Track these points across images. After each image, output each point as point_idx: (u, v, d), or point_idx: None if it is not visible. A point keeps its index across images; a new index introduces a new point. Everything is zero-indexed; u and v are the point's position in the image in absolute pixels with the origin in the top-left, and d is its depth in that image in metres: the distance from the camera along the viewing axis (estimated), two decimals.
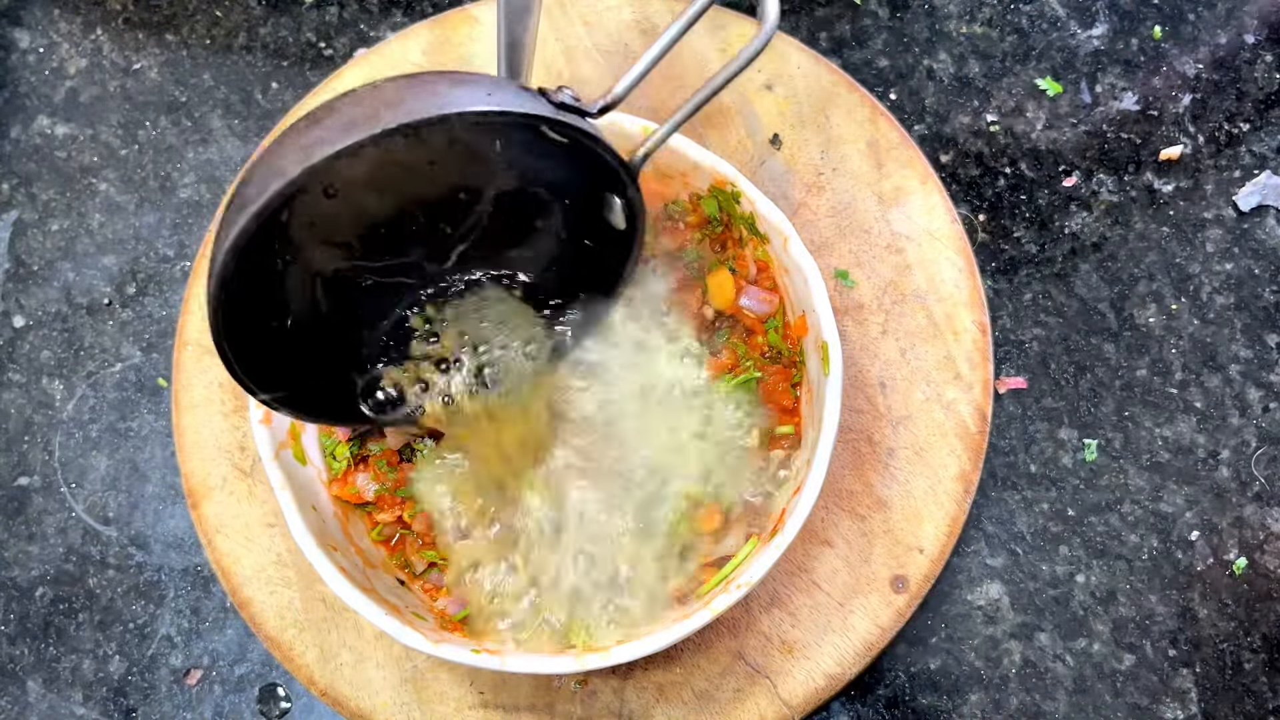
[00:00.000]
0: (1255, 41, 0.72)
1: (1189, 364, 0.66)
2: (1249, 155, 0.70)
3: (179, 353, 0.64)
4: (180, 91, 0.72)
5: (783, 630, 0.59)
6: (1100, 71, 0.71)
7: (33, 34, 0.74)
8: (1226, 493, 0.64)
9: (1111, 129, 0.70)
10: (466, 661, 0.51)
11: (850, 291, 0.64)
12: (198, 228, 0.70)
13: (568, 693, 0.59)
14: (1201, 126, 0.70)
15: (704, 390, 0.60)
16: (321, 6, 0.74)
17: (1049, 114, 0.71)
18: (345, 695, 0.59)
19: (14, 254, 0.70)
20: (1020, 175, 0.70)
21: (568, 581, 0.57)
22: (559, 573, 0.58)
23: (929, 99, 0.71)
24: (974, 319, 0.64)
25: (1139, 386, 0.66)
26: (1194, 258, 0.68)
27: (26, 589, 0.65)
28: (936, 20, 0.73)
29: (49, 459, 0.67)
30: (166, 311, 0.69)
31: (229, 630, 0.63)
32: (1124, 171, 0.69)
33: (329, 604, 0.60)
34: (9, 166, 0.72)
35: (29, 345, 0.69)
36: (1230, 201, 0.69)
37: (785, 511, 0.54)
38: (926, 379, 0.63)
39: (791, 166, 0.66)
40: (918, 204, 0.65)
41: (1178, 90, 0.71)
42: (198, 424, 0.63)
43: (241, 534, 0.61)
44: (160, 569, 0.64)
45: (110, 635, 0.64)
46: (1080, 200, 0.69)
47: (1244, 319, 0.67)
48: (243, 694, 0.62)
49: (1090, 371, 0.66)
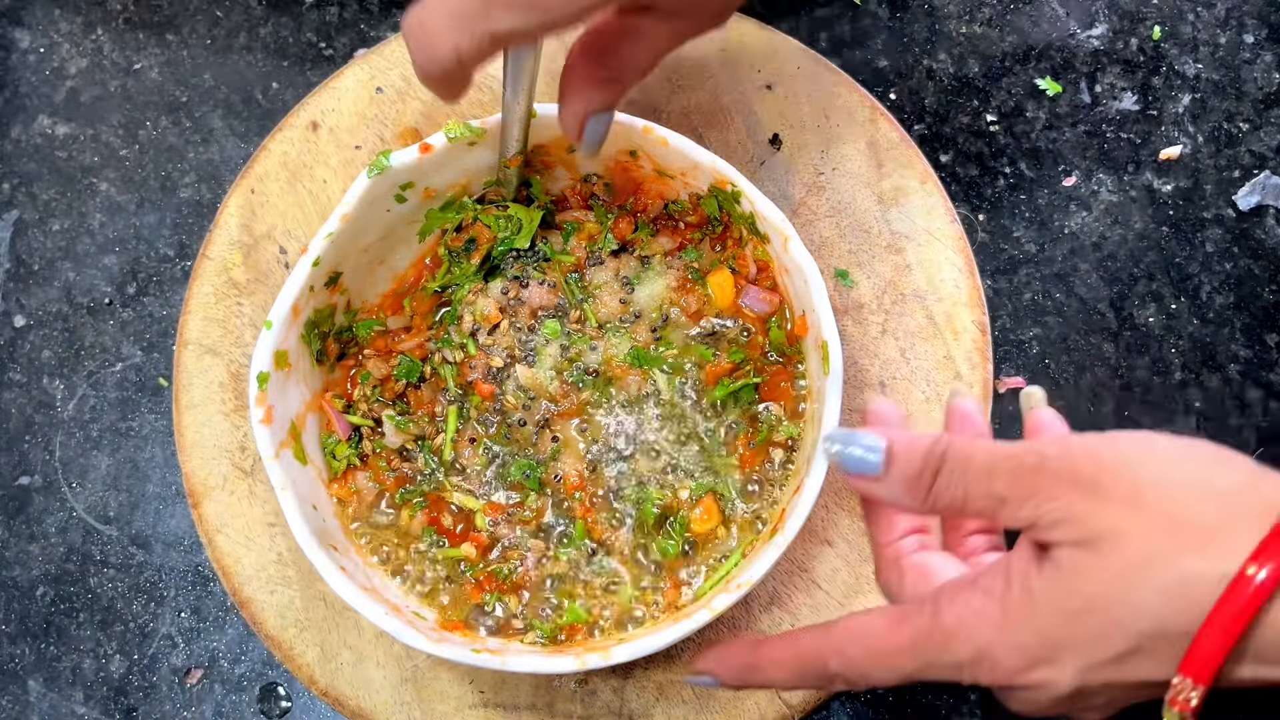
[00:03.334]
0: (1255, 41, 0.72)
1: (1189, 364, 0.66)
2: (1248, 155, 0.70)
3: (179, 352, 0.64)
4: (180, 91, 0.72)
5: (783, 630, 0.59)
6: (1100, 71, 0.71)
7: (33, 34, 0.74)
8: None
9: (1111, 129, 0.70)
10: (467, 661, 0.51)
11: (850, 291, 0.64)
12: (198, 228, 0.70)
13: (568, 692, 0.59)
14: (1201, 126, 0.70)
15: (704, 392, 0.60)
16: (321, 6, 0.74)
17: (1049, 114, 0.71)
18: (345, 694, 0.59)
19: (14, 254, 0.70)
20: (1020, 175, 0.70)
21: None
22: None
23: (929, 99, 0.71)
24: (974, 319, 0.64)
25: (1139, 386, 0.66)
26: (1194, 257, 0.68)
27: (27, 588, 0.65)
28: (936, 20, 0.73)
29: (49, 458, 0.67)
30: (167, 311, 0.69)
31: (229, 630, 0.63)
32: (1124, 171, 0.70)
33: (329, 603, 0.60)
34: (9, 166, 0.72)
35: (29, 345, 0.69)
36: (1230, 201, 0.69)
37: (785, 511, 0.54)
38: (926, 379, 0.63)
39: (791, 166, 0.66)
40: (917, 204, 0.65)
41: (1178, 90, 0.71)
42: (198, 424, 0.63)
43: (242, 533, 0.61)
44: (161, 568, 0.64)
45: (111, 635, 0.64)
46: (1080, 200, 0.69)
47: (1244, 319, 0.67)
48: (243, 693, 0.62)
49: (1090, 371, 0.66)
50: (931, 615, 0.39)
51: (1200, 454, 0.37)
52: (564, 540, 0.58)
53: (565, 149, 0.59)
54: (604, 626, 0.57)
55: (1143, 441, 0.37)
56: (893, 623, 0.40)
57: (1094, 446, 0.37)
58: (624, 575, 0.58)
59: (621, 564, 0.58)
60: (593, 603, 0.57)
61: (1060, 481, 0.37)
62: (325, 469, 0.58)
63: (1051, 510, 0.37)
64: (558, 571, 0.58)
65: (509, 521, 0.59)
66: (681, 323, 0.61)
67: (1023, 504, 0.38)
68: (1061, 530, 0.37)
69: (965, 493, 0.40)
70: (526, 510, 0.59)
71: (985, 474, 0.39)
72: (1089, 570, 0.36)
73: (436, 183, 0.59)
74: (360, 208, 0.56)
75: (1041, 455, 0.38)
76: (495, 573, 0.58)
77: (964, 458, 0.40)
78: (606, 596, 0.58)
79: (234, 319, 0.64)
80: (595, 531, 0.58)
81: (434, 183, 0.58)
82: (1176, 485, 0.35)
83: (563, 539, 0.59)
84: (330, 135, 0.66)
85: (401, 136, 0.66)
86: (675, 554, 0.58)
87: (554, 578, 0.58)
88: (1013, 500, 0.38)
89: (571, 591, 0.58)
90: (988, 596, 0.38)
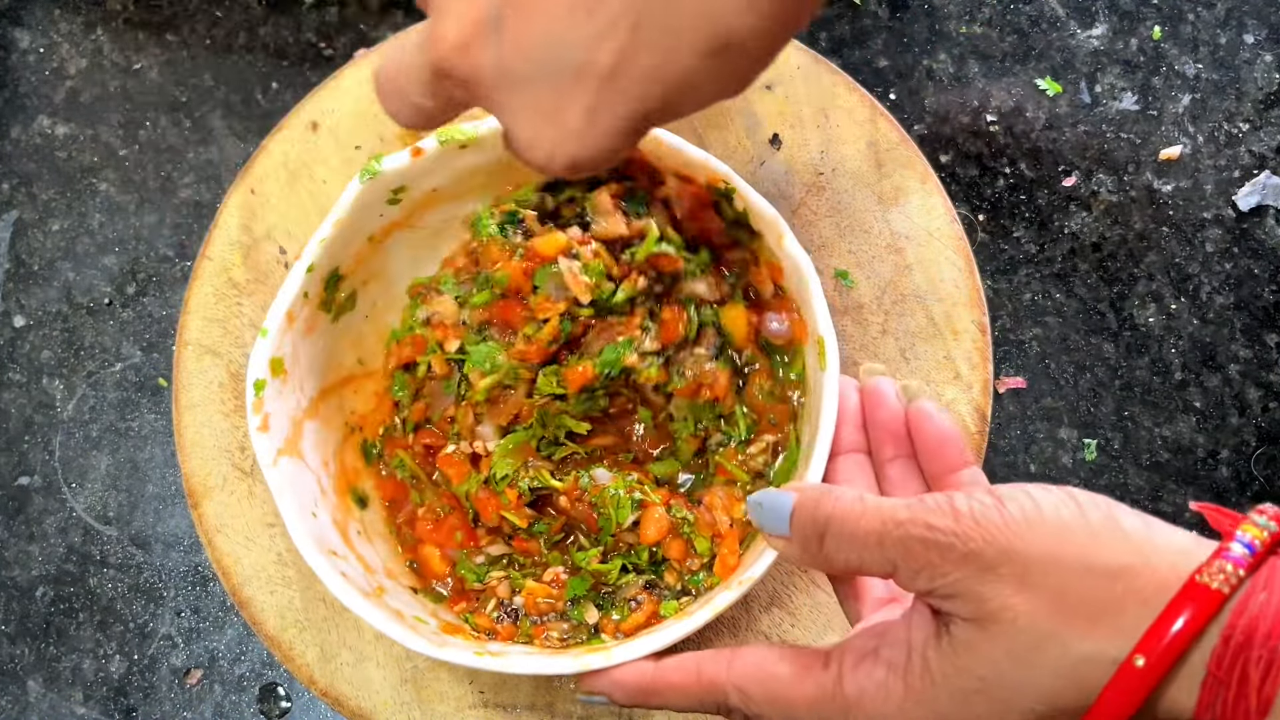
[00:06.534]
0: (1255, 41, 0.72)
1: (1189, 364, 0.66)
2: (1248, 155, 0.70)
3: (179, 352, 0.64)
4: (180, 91, 0.72)
5: (783, 630, 0.59)
6: (1100, 71, 0.71)
7: (33, 34, 0.74)
8: (1226, 493, 0.64)
9: (1111, 129, 0.70)
10: (470, 664, 0.51)
11: (850, 291, 0.64)
12: (198, 228, 0.70)
13: (567, 692, 0.59)
14: (1201, 126, 0.70)
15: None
16: (321, 6, 0.74)
17: (1049, 114, 0.71)
18: (345, 695, 0.59)
19: (14, 254, 0.70)
20: (1020, 175, 0.70)
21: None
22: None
23: (929, 99, 0.71)
24: (973, 319, 0.64)
25: (1139, 386, 0.66)
26: (1194, 258, 0.68)
27: (27, 588, 0.65)
28: (936, 20, 0.73)
29: (49, 459, 0.67)
30: (166, 311, 0.69)
31: (229, 630, 0.63)
32: (1124, 171, 0.70)
33: (329, 604, 0.60)
34: (9, 166, 0.72)
35: (29, 345, 0.69)
36: (1230, 201, 0.69)
37: None
38: (926, 379, 0.63)
39: (791, 166, 0.66)
40: (917, 204, 0.65)
41: (1177, 90, 0.71)
42: (198, 424, 0.63)
43: (241, 533, 0.61)
44: (160, 568, 0.64)
45: (110, 635, 0.64)
46: (1080, 200, 0.69)
47: (1244, 319, 0.67)
48: (243, 693, 0.62)
49: (1090, 371, 0.66)
50: (835, 680, 0.39)
51: (1091, 523, 0.35)
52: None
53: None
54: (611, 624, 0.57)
55: (1030, 510, 0.36)
56: (797, 672, 0.41)
57: (980, 515, 0.36)
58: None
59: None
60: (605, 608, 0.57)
61: (948, 557, 0.36)
62: (325, 475, 0.58)
63: (943, 586, 0.36)
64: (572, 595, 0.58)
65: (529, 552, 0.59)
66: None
67: (914, 575, 0.37)
68: (954, 605, 0.36)
69: (859, 558, 0.39)
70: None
71: (876, 541, 0.38)
72: (982, 649, 0.36)
73: (428, 186, 0.58)
74: (353, 213, 0.56)
75: (928, 525, 0.37)
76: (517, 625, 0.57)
77: (850, 522, 0.39)
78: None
79: (234, 319, 0.64)
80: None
81: (426, 186, 0.58)
82: (1065, 563, 0.35)
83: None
84: (330, 135, 0.66)
85: (401, 137, 0.66)
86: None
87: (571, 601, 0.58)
88: (904, 570, 0.38)
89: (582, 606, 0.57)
90: (890, 671, 0.38)
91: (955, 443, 0.47)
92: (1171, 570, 0.33)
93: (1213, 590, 0.32)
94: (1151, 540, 0.35)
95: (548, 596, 0.57)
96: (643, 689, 0.45)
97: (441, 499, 0.59)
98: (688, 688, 0.43)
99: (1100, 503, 0.36)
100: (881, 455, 0.50)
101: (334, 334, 0.60)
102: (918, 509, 0.38)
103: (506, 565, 0.59)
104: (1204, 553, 0.34)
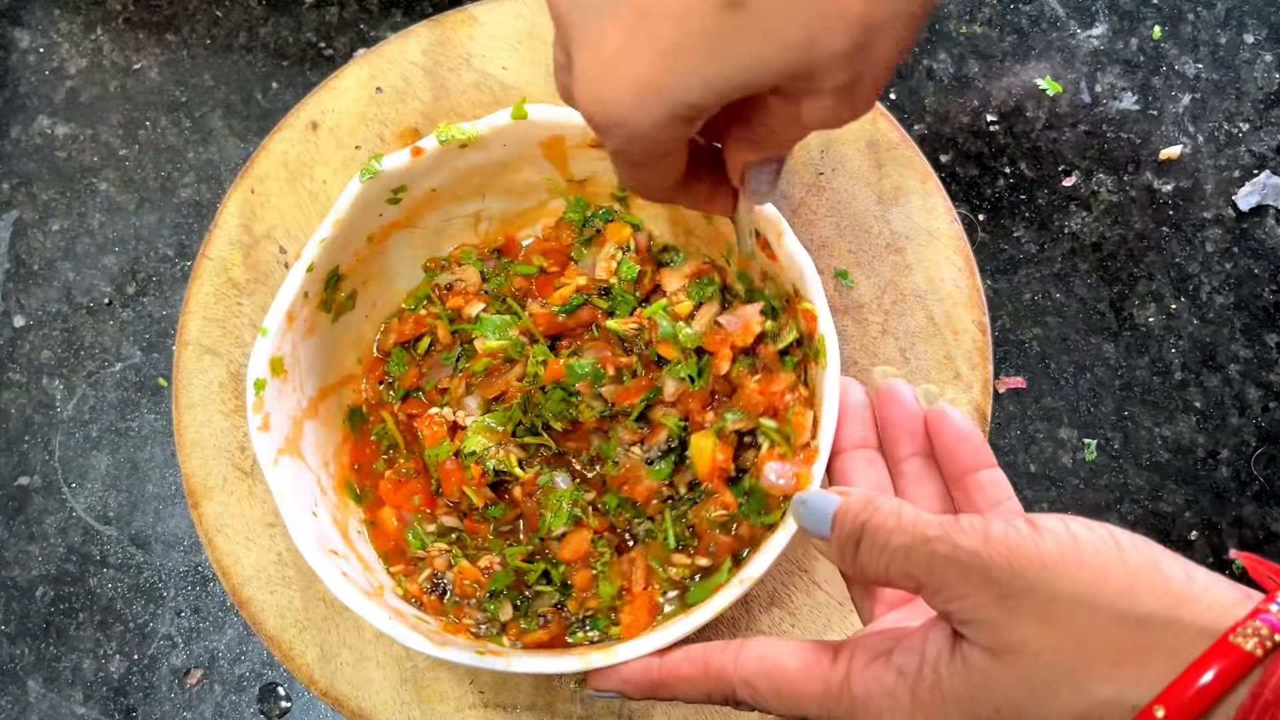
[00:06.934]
0: (1255, 41, 0.72)
1: (1189, 364, 0.66)
2: (1248, 155, 0.70)
3: (179, 352, 0.64)
4: (180, 91, 0.72)
5: (783, 630, 0.59)
6: (1100, 71, 0.71)
7: (33, 34, 0.74)
8: (1226, 492, 0.64)
9: (1111, 129, 0.70)
10: (471, 664, 0.51)
11: (850, 291, 0.64)
12: (198, 228, 0.70)
13: (568, 692, 0.59)
14: (1201, 126, 0.70)
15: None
16: (321, 6, 0.74)
17: (1049, 114, 0.71)
18: (345, 695, 0.59)
19: (14, 254, 0.70)
20: (1020, 175, 0.70)
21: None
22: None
23: (929, 99, 0.71)
24: (973, 319, 0.64)
25: (1139, 386, 0.66)
26: (1194, 257, 0.68)
27: (27, 589, 0.65)
28: (936, 20, 0.73)
29: (49, 459, 0.67)
30: (166, 311, 0.69)
31: (229, 630, 0.63)
32: (1124, 171, 0.70)
33: (329, 603, 0.60)
34: (9, 166, 0.72)
35: (29, 345, 0.69)
36: (1230, 201, 0.69)
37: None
38: (926, 379, 0.63)
39: (791, 166, 0.66)
40: (917, 204, 0.65)
41: (1178, 90, 0.71)
42: (198, 423, 0.63)
43: (241, 533, 0.61)
44: (160, 568, 0.64)
45: (110, 635, 0.64)
46: (1080, 200, 0.69)
47: (1243, 319, 0.67)
48: (243, 693, 0.62)
49: (1090, 371, 0.66)
50: (843, 678, 0.39)
51: (1130, 567, 0.34)
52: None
53: None
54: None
55: (1068, 545, 0.35)
56: (804, 668, 0.40)
57: (1014, 543, 0.35)
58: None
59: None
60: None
61: (971, 581, 0.36)
62: (325, 474, 0.58)
63: (962, 609, 0.36)
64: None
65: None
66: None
67: (935, 594, 0.37)
68: (972, 630, 0.36)
69: (887, 569, 0.39)
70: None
71: (903, 555, 0.38)
72: (997, 680, 0.35)
73: (428, 186, 0.58)
74: (353, 212, 0.56)
75: (955, 545, 0.36)
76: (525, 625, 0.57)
77: (883, 534, 0.39)
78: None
79: (234, 319, 0.64)
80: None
81: (426, 186, 0.58)
82: (1095, 605, 0.34)
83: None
84: (330, 135, 0.66)
85: (401, 136, 0.66)
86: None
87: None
88: (927, 587, 0.37)
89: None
90: (900, 678, 0.38)
91: (974, 443, 0.47)
92: (1206, 625, 0.33)
93: (1246, 651, 0.32)
94: (1190, 590, 0.34)
95: (475, 581, 0.56)
96: (651, 683, 0.45)
97: (411, 463, 0.60)
98: (695, 680, 0.43)
99: (1143, 546, 0.35)
100: (896, 453, 0.49)
101: (334, 334, 0.60)
102: (950, 526, 0.37)
103: (453, 542, 0.59)
104: (1241, 610, 0.33)
